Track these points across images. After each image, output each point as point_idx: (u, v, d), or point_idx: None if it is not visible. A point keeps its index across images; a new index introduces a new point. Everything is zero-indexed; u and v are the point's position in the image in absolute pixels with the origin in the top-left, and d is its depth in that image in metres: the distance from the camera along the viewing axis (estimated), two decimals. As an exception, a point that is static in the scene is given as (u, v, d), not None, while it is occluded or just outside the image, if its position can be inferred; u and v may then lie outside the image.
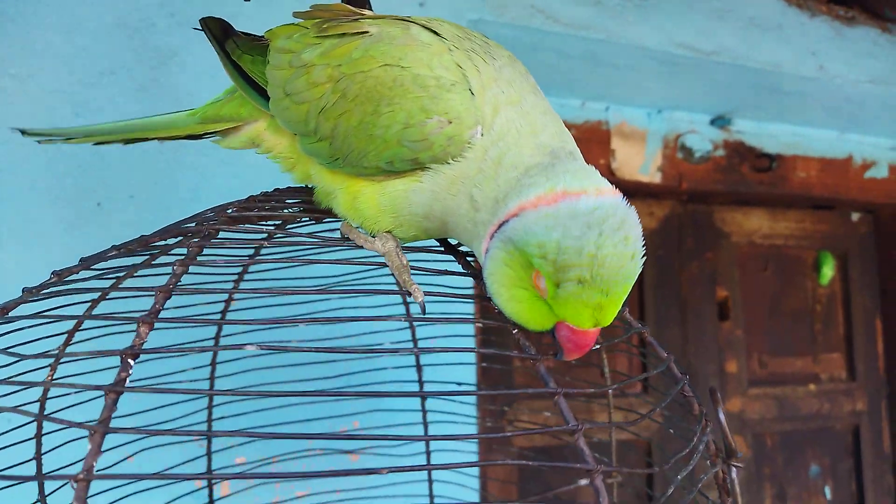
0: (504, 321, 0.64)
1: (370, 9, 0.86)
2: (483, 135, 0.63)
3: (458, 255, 0.75)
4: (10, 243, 1.25)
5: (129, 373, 0.48)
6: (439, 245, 0.78)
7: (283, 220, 0.80)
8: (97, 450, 0.43)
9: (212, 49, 0.85)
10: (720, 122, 2.32)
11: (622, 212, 0.57)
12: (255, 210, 0.76)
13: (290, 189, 0.88)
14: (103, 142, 0.91)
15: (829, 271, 2.63)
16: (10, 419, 0.73)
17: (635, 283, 0.60)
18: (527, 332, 0.63)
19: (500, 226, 0.60)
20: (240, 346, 0.51)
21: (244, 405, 1.01)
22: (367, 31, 0.69)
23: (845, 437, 2.61)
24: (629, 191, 1.02)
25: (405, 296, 0.67)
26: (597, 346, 0.67)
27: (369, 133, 0.66)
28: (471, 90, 0.64)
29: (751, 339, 2.48)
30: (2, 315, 0.62)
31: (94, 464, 0.44)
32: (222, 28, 0.82)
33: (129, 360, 0.48)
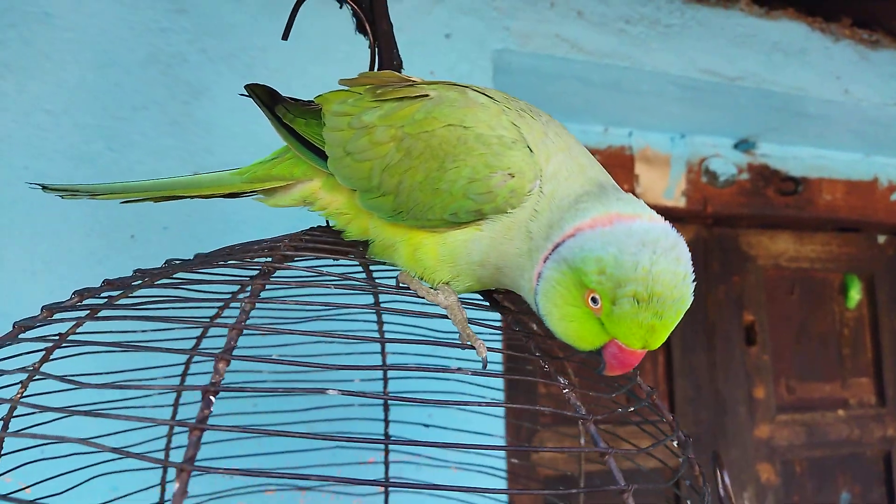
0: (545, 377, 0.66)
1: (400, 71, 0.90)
2: (541, 186, 0.67)
3: (505, 312, 0.79)
4: (42, 273, 1.27)
5: (211, 410, 0.48)
6: (484, 299, 0.82)
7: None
8: (184, 489, 0.43)
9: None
10: (744, 145, 2.31)
11: (673, 236, 0.61)
12: (310, 252, 0.76)
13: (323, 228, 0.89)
14: (132, 200, 0.86)
15: (856, 294, 2.59)
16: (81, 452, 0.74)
17: None
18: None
19: (555, 248, 0.64)
20: (321, 391, 0.52)
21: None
22: (426, 95, 0.73)
23: (876, 463, 2.55)
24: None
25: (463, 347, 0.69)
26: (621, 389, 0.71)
27: (435, 187, 0.69)
28: (528, 147, 0.68)
29: (778, 364, 2.45)
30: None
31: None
32: (269, 93, 0.86)
33: (210, 398, 0.48)
